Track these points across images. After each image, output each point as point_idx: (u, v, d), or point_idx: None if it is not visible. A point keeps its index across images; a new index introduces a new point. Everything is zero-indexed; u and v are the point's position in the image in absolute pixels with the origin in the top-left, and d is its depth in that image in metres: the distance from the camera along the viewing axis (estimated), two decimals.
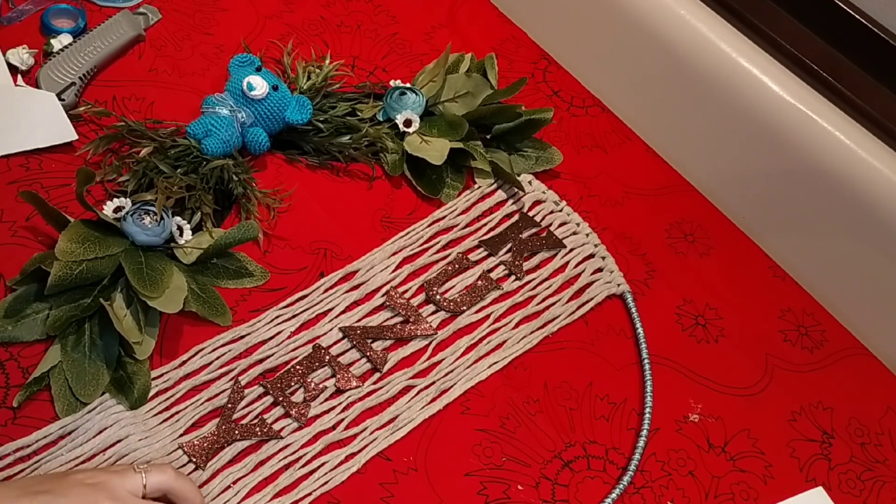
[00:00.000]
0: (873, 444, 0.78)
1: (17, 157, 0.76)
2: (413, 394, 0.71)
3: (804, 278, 0.88)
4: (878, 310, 0.84)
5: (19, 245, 0.71)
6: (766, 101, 0.84)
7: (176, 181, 0.75)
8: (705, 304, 0.83)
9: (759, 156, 0.87)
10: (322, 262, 0.77)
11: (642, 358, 0.78)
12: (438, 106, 0.88)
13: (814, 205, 0.84)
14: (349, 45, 0.94)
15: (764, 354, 0.81)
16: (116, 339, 0.67)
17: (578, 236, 0.84)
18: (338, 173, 0.84)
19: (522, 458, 0.70)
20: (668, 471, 0.72)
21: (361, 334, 0.73)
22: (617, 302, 0.81)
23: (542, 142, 0.89)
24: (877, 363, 0.84)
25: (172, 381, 0.68)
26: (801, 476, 0.74)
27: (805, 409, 0.78)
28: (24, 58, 0.81)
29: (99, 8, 0.89)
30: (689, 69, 0.88)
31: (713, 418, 0.76)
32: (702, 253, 0.87)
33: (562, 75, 0.99)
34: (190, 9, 0.92)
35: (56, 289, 0.66)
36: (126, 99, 0.83)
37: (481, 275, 0.79)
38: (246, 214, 0.77)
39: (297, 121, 0.81)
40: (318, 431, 0.68)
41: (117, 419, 0.65)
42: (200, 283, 0.72)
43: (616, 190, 0.90)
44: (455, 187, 0.85)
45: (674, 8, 0.88)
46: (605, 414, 0.74)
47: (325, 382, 0.70)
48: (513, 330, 0.77)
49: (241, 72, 0.80)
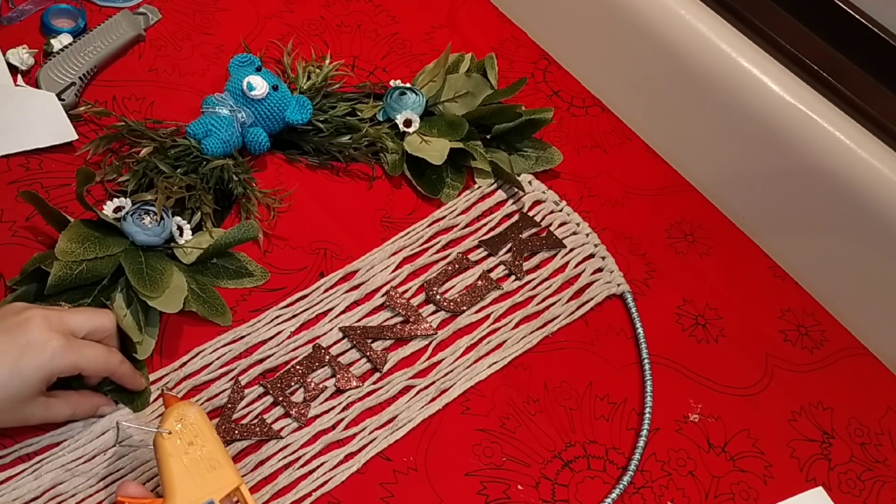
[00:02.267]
0: (873, 444, 0.78)
1: (17, 157, 0.76)
2: (413, 394, 0.71)
3: (804, 278, 0.88)
4: (878, 310, 0.84)
5: (19, 245, 0.71)
6: (766, 101, 0.84)
7: (176, 181, 0.75)
8: (705, 304, 0.83)
9: (759, 156, 0.87)
10: (322, 262, 0.77)
11: (642, 358, 0.78)
12: (438, 106, 0.88)
13: (814, 205, 0.84)
14: (349, 45, 0.94)
15: (764, 354, 0.81)
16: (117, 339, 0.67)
17: (578, 236, 0.84)
18: (338, 173, 0.84)
19: (522, 458, 0.70)
20: (668, 471, 0.72)
21: (361, 334, 0.73)
22: (617, 302, 0.81)
23: (542, 142, 0.89)
24: (877, 363, 0.84)
25: (173, 381, 0.68)
26: (801, 476, 0.74)
27: (805, 409, 0.78)
28: (24, 58, 0.81)
29: (99, 8, 0.89)
30: (689, 69, 0.88)
31: (713, 418, 0.76)
32: (702, 253, 0.87)
33: (562, 75, 0.99)
34: (190, 9, 0.92)
35: (56, 289, 0.66)
36: (126, 99, 0.83)
37: (481, 275, 0.79)
38: (246, 214, 0.77)
39: (297, 121, 0.81)
40: (317, 431, 0.68)
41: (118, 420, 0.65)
42: (200, 283, 0.72)
43: (616, 190, 0.90)
44: (455, 187, 0.85)
45: (674, 8, 0.88)
46: (605, 414, 0.74)
47: (325, 382, 0.70)
48: (513, 330, 0.77)
49: (241, 72, 0.80)
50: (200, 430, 0.58)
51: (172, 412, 0.58)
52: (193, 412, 0.59)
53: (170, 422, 0.58)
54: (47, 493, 0.61)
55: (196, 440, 0.57)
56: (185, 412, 0.58)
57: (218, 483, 0.56)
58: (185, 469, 0.56)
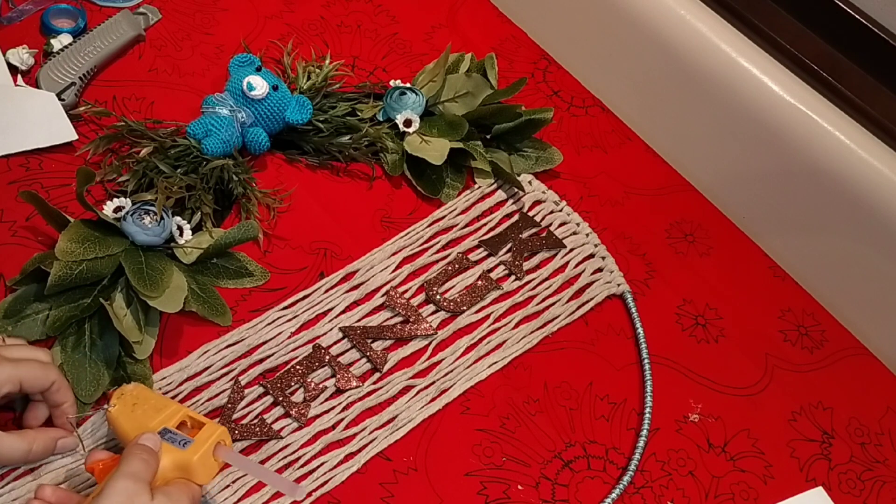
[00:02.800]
0: (873, 444, 0.78)
1: (17, 157, 0.76)
2: (413, 394, 0.71)
3: (804, 278, 0.88)
4: (878, 310, 0.84)
5: (19, 245, 0.71)
6: (766, 101, 0.84)
7: (176, 181, 0.75)
8: (705, 304, 0.83)
9: (759, 156, 0.87)
10: (322, 262, 0.77)
11: (642, 358, 0.78)
12: (438, 106, 0.88)
13: (814, 205, 0.84)
14: (349, 45, 0.94)
15: (764, 354, 0.81)
16: (117, 339, 0.67)
17: (578, 236, 0.84)
18: (338, 173, 0.84)
19: (522, 458, 0.70)
20: (668, 471, 0.72)
21: (361, 334, 0.73)
22: (617, 302, 0.81)
23: (542, 142, 0.89)
24: (877, 363, 0.84)
25: (176, 382, 0.68)
26: (801, 476, 0.74)
27: (805, 409, 0.78)
28: (24, 58, 0.81)
29: (99, 8, 0.89)
30: (689, 69, 0.88)
31: (713, 418, 0.76)
32: (702, 253, 0.87)
33: (562, 75, 0.99)
34: (190, 9, 0.92)
35: (56, 289, 0.66)
36: (126, 99, 0.83)
37: (481, 275, 0.79)
38: (246, 214, 0.77)
39: (297, 121, 0.81)
40: (317, 431, 0.68)
41: None
42: (200, 282, 0.72)
43: (616, 190, 0.90)
44: (455, 187, 0.85)
45: (674, 8, 0.88)
46: (605, 414, 0.74)
47: (325, 382, 0.70)
48: (513, 330, 0.77)
49: (241, 72, 0.80)
50: (140, 394, 0.63)
51: (112, 394, 0.63)
52: (130, 386, 0.64)
53: (112, 400, 0.62)
54: None
55: (138, 401, 0.62)
56: (122, 389, 0.63)
57: (167, 417, 0.60)
58: (135, 420, 0.61)
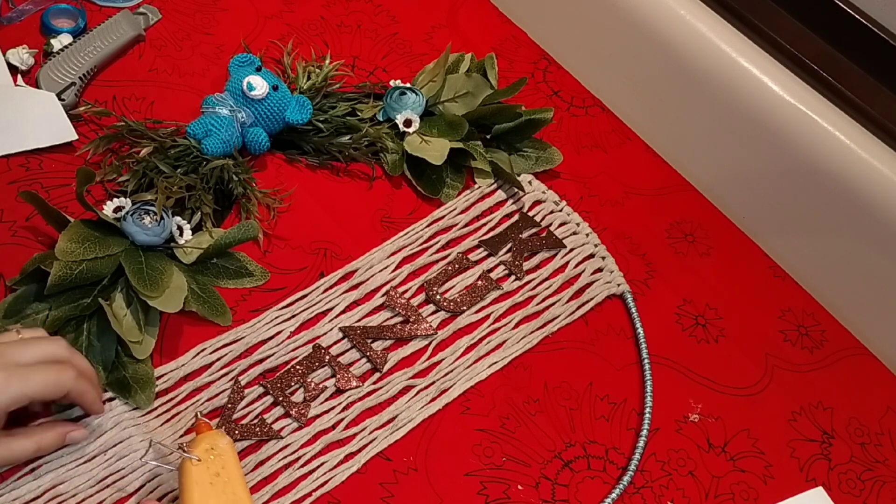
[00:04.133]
0: (873, 444, 0.78)
1: (17, 157, 0.76)
2: (413, 394, 0.71)
3: (804, 278, 0.88)
4: (878, 310, 0.84)
5: (19, 245, 0.71)
6: (766, 101, 0.84)
7: (176, 181, 0.75)
8: (705, 304, 0.83)
9: (759, 156, 0.87)
10: (322, 262, 0.77)
11: (642, 358, 0.78)
12: (438, 106, 0.88)
13: (814, 205, 0.84)
14: (349, 45, 0.94)
15: (764, 354, 0.81)
16: (114, 340, 0.67)
17: (578, 236, 0.84)
18: (338, 173, 0.84)
19: (522, 458, 0.70)
20: (668, 471, 0.72)
21: (361, 334, 0.73)
22: (617, 302, 0.81)
23: (542, 142, 0.89)
24: (877, 363, 0.84)
25: (173, 381, 0.68)
26: (801, 476, 0.74)
27: (805, 409, 0.78)
28: (24, 58, 0.81)
29: (99, 8, 0.89)
30: (689, 69, 0.88)
31: (713, 418, 0.76)
32: (702, 253, 0.87)
33: (562, 75, 0.99)
34: (190, 9, 0.92)
35: (56, 289, 0.66)
36: (126, 99, 0.83)
37: (481, 275, 0.79)
38: (246, 214, 0.77)
39: (297, 121, 0.81)
40: (317, 431, 0.68)
41: (118, 421, 0.65)
42: (200, 282, 0.72)
43: (616, 190, 0.90)
44: (455, 187, 0.85)
45: (674, 8, 0.88)
46: (605, 414, 0.74)
47: (325, 382, 0.70)
48: (513, 330, 0.77)
49: (241, 72, 0.80)
50: (227, 462, 0.58)
51: (204, 439, 0.59)
52: (224, 443, 0.59)
53: (200, 449, 0.58)
54: (47, 493, 0.61)
55: (222, 472, 0.58)
56: (217, 442, 0.59)
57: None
58: (206, 496, 0.57)
